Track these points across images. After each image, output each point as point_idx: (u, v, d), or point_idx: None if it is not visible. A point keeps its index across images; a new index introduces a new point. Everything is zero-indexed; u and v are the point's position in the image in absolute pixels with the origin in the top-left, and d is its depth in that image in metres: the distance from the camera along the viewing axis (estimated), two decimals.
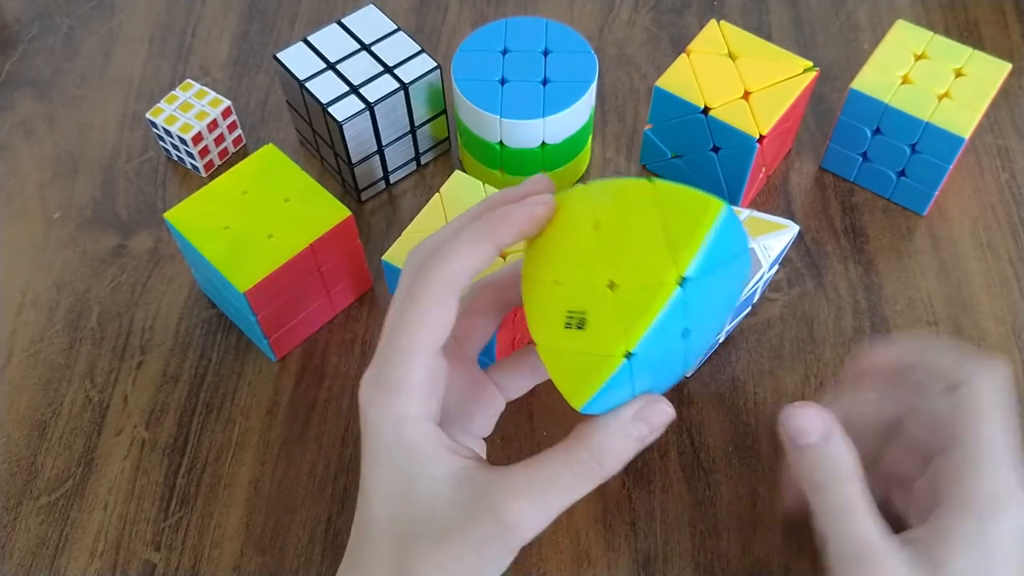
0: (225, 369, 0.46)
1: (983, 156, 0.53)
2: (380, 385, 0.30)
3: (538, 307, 0.30)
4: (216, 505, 0.42)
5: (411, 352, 0.30)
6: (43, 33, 0.61)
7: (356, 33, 0.51)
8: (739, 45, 0.50)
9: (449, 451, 0.30)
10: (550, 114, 0.47)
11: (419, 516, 0.30)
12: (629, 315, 0.28)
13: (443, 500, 0.29)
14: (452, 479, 0.30)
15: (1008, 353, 0.46)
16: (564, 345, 0.29)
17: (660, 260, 0.28)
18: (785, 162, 0.54)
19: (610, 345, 0.28)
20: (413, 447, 0.30)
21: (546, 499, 0.29)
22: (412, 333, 0.30)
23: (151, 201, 0.53)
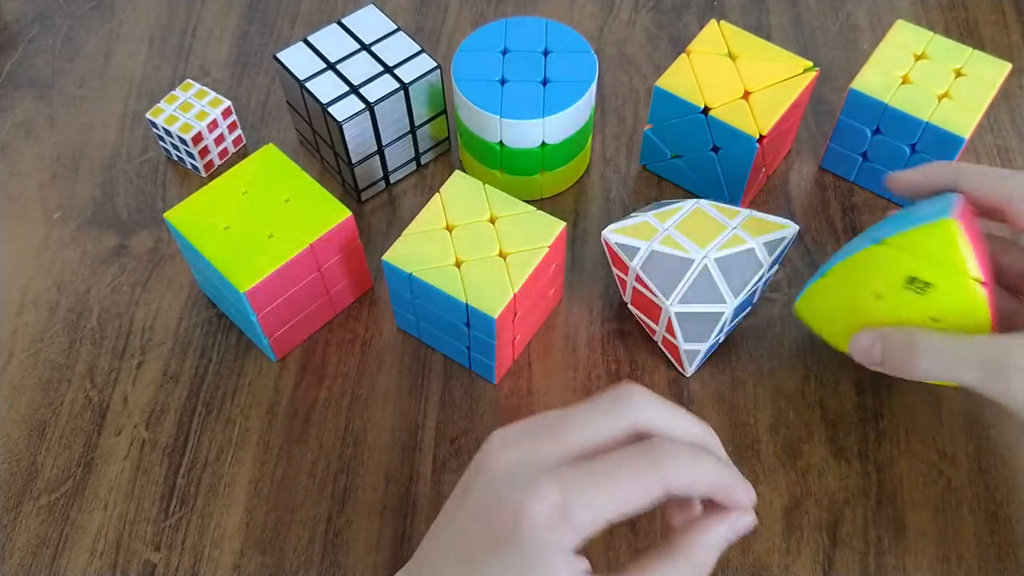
0: (225, 369, 0.46)
1: (983, 156, 0.53)
2: (564, 526, 0.30)
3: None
4: (216, 505, 0.42)
5: (603, 515, 0.30)
6: (43, 33, 0.61)
7: (356, 33, 0.51)
8: (739, 45, 0.50)
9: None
10: (550, 114, 0.47)
11: None
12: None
13: None
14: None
15: None
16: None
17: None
18: (785, 162, 0.54)
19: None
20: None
21: None
22: (617, 508, 0.30)
23: (151, 201, 0.53)
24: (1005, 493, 0.42)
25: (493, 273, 0.42)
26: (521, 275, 0.41)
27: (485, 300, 0.41)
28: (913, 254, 0.38)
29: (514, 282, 0.41)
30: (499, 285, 0.41)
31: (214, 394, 0.46)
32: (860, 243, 0.40)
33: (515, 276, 0.41)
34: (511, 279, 0.41)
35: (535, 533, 0.30)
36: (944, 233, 0.37)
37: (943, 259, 0.37)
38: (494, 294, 0.41)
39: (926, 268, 0.37)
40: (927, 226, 0.37)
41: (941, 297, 0.38)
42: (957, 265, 0.37)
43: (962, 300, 0.37)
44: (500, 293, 0.41)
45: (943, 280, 0.37)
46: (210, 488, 0.43)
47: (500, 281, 0.41)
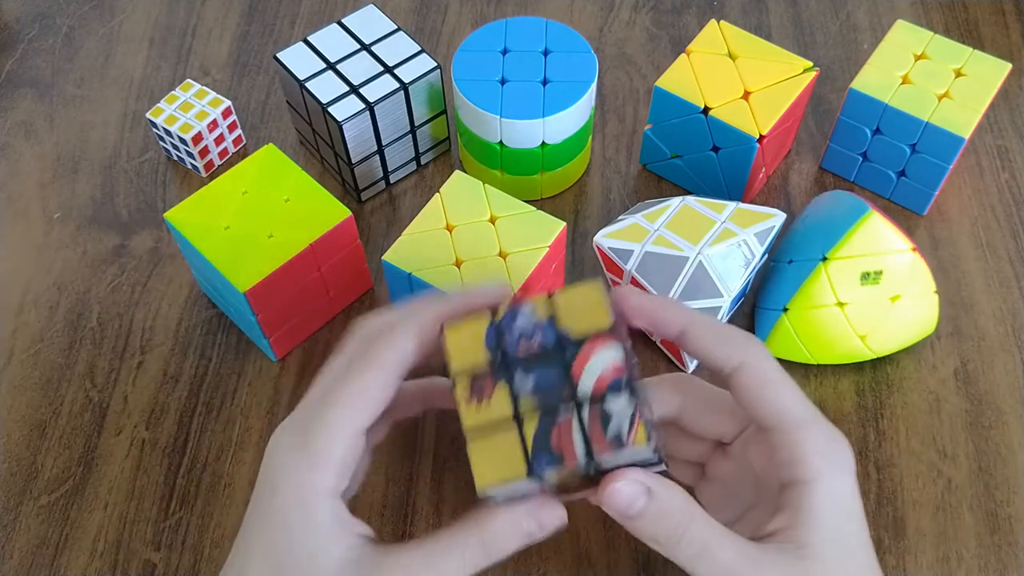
0: (225, 369, 0.46)
1: (983, 156, 0.53)
2: (299, 450, 0.31)
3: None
4: (216, 505, 0.42)
5: (340, 430, 0.31)
6: (43, 33, 0.61)
7: (356, 33, 0.51)
8: (739, 45, 0.50)
9: (346, 529, 0.31)
10: (550, 114, 0.47)
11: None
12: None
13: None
14: (343, 558, 0.30)
15: (1008, 353, 0.46)
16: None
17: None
18: (785, 162, 0.54)
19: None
20: (315, 523, 0.30)
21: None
22: (345, 411, 0.31)
23: (151, 201, 0.53)
24: (1005, 493, 0.42)
25: (493, 273, 0.42)
26: (521, 275, 0.41)
27: None
28: (858, 254, 0.43)
29: (514, 282, 0.41)
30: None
31: (214, 394, 0.46)
32: (795, 272, 0.44)
33: (515, 276, 0.41)
34: (511, 279, 0.41)
35: (277, 475, 0.31)
36: (873, 224, 0.43)
37: (883, 244, 0.43)
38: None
39: (874, 259, 0.42)
40: (857, 226, 0.43)
41: (893, 276, 0.43)
42: (898, 244, 0.43)
43: (910, 268, 0.43)
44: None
45: (891, 261, 0.43)
46: (210, 488, 0.43)
47: (500, 281, 0.41)
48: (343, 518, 0.31)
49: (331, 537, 0.30)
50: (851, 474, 0.32)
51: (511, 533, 0.30)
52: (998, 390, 0.45)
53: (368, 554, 0.30)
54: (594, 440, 0.29)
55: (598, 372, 0.29)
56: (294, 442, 0.31)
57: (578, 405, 0.29)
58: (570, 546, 0.41)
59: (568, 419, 0.29)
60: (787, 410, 0.32)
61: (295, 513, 0.30)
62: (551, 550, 0.41)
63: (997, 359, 0.46)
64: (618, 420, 0.29)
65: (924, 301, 0.44)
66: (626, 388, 0.29)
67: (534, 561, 0.41)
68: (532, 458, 0.29)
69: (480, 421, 0.30)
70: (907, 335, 0.45)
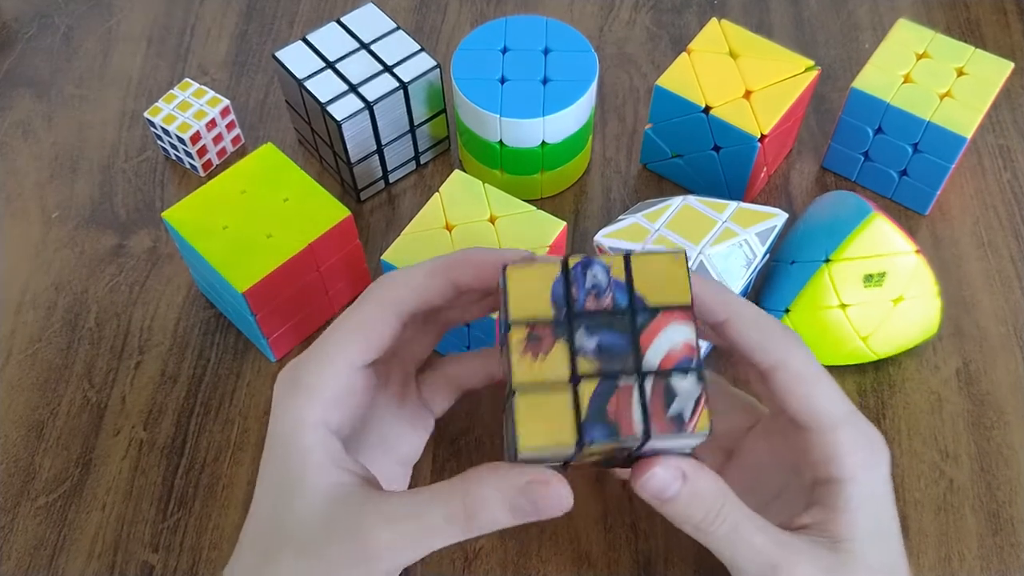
0: (224, 369, 0.46)
1: (985, 156, 0.53)
2: (292, 382, 0.31)
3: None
4: (214, 506, 0.42)
5: (332, 360, 0.31)
6: (41, 32, 0.60)
7: (355, 32, 0.50)
8: (740, 44, 0.49)
9: (336, 464, 0.30)
10: (550, 113, 0.47)
11: (290, 523, 0.30)
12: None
13: (314, 513, 0.29)
14: (329, 494, 0.29)
15: (1010, 353, 0.46)
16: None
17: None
18: (786, 161, 0.54)
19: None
20: (301, 452, 0.30)
21: (415, 534, 0.29)
22: (340, 342, 0.31)
23: (149, 201, 0.52)
24: (1007, 493, 0.42)
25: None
26: None
27: None
28: (861, 256, 0.42)
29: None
30: None
31: (212, 394, 0.45)
32: (797, 273, 0.44)
33: None
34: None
35: (275, 407, 0.31)
36: (877, 226, 0.42)
37: (887, 246, 0.42)
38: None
39: (877, 261, 0.42)
40: (861, 227, 0.43)
41: (896, 279, 0.42)
42: (902, 246, 0.42)
43: (914, 271, 0.43)
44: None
45: (894, 264, 0.42)
46: (208, 489, 0.43)
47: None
48: (333, 452, 0.30)
49: (318, 469, 0.30)
50: (886, 471, 0.32)
51: (499, 506, 0.28)
52: (1000, 390, 0.45)
53: (356, 494, 0.30)
54: (654, 416, 0.27)
55: (668, 347, 0.28)
56: (290, 374, 0.31)
57: (641, 376, 0.28)
58: (570, 547, 0.41)
59: (629, 388, 0.27)
60: (823, 411, 0.31)
61: (285, 441, 0.30)
62: (551, 551, 0.41)
63: (999, 359, 0.46)
64: (682, 401, 0.27)
65: (927, 304, 0.44)
66: (695, 370, 0.28)
67: (534, 563, 0.40)
68: (585, 425, 0.27)
69: (533, 378, 0.27)
70: (909, 337, 0.44)
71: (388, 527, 0.29)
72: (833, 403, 0.32)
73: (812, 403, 0.31)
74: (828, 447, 0.31)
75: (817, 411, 0.31)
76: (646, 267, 0.29)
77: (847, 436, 0.31)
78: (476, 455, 0.43)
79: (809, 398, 0.31)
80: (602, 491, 0.42)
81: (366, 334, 0.31)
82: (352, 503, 0.29)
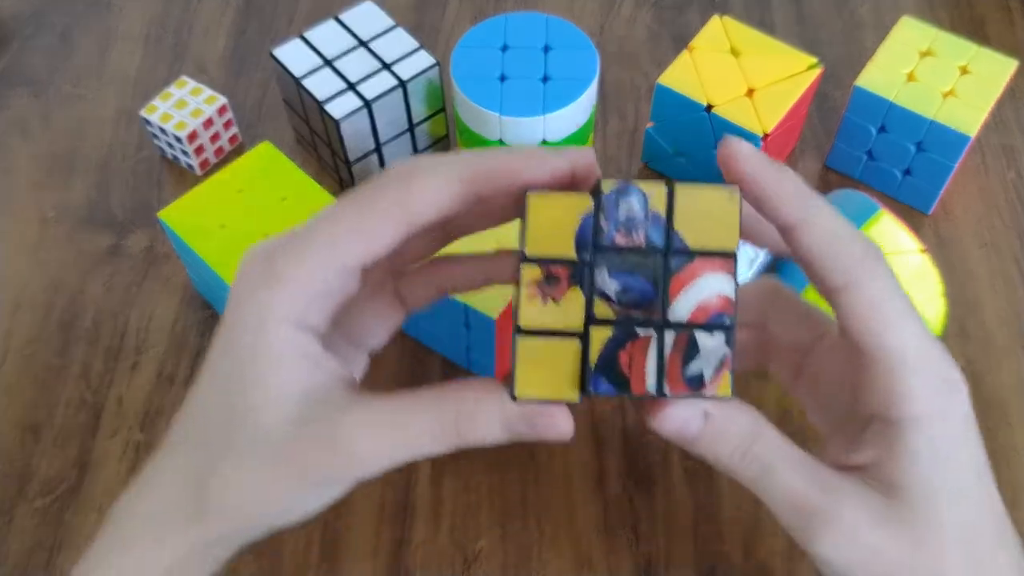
0: None
1: (989, 155, 0.53)
2: (265, 266, 0.27)
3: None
4: None
5: (318, 252, 0.27)
6: (39, 31, 0.60)
7: (354, 29, 0.50)
8: (742, 41, 0.49)
9: (311, 363, 0.27)
10: (550, 111, 0.46)
11: (252, 425, 0.27)
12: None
13: (283, 414, 0.26)
14: (303, 395, 0.27)
15: (1014, 354, 0.46)
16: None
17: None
18: (789, 160, 0.53)
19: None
20: (270, 349, 0.27)
21: (398, 444, 0.27)
22: (334, 237, 0.27)
23: (146, 200, 0.52)
24: (1011, 495, 0.42)
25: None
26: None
27: (485, 301, 0.40)
28: None
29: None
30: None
31: None
32: (800, 272, 0.42)
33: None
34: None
35: (237, 291, 0.27)
36: (884, 224, 0.42)
37: (894, 244, 0.42)
38: (494, 295, 0.40)
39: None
40: (867, 225, 0.42)
41: (901, 277, 0.41)
42: (908, 245, 0.42)
43: (919, 270, 0.42)
44: (500, 294, 0.40)
45: (900, 262, 0.42)
46: None
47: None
48: (309, 350, 0.27)
49: (288, 367, 0.27)
50: (962, 420, 0.28)
51: (492, 427, 0.27)
52: (1004, 391, 0.45)
53: (333, 396, 0.27)
54: (670, 373, 0.25)
55: (701, 297, 0.25)
56: (260, 255, 0.27)
57: (663, 326, 0.25)
58: (571, 550, 0.40)
59: (647, 339, 0.25)
60: (893, 346, 0.27)
61: (252, 334, 0.27)
62: (551, 554, 0.40)
63: (1003, 360, 0.45)
64: (705, 359, 0.25)
65: (931, 303, 0.43)
66: (726, 328, 0.25)
67: (534, 566, 0.40)
68: (592, 375, 0.25)
69: (542, 323, 0.25)
70: None
71: (369, 435, 0.26)
72: (907, 337, 0.27)
73: (882, 336, 0.27)
74: (893, 386, 0.27)
75: (886, 346, 0.27)
76: (692, 202, 0.25)
77: (917, 376, 0.27)
78: (476, 455, 0.43)
79: (879, 330, 0.27)
80: (603, 495, 0.42)
81: (367, 239, 0.27)
82: (329, 406, 0.27)
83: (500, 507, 0.42)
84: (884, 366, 0.27)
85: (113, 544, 0.29)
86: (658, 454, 0.43)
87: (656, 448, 0.43)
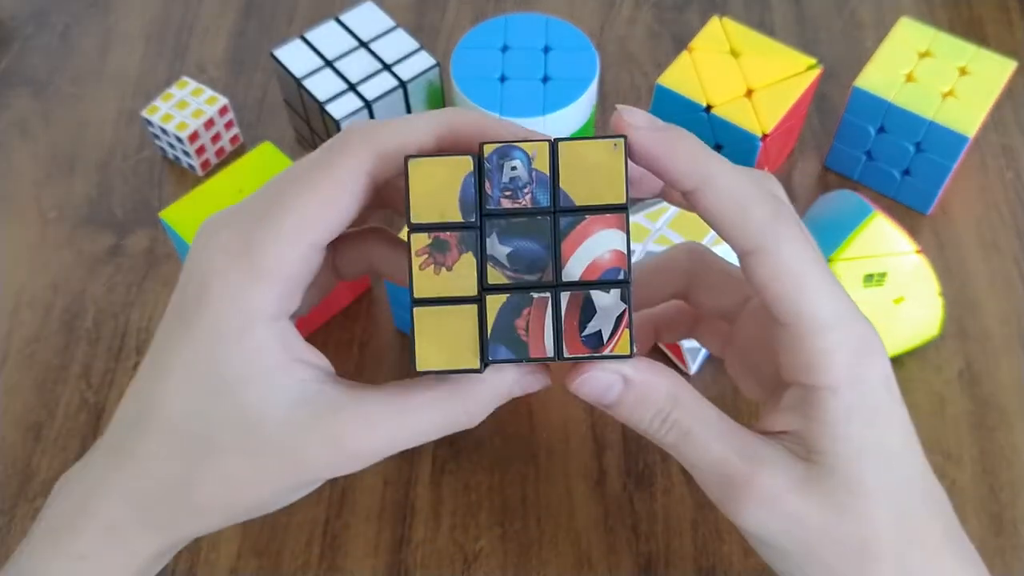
0: None
1: (988, 155, 0.53)
2: (238, 257, 0.25)
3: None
4: None
5: (293, 241, 0.25)
6: (39, 31, 0.60)
7: (354, 30, 0.50)
8: (742, 42, 0.49)
9: (297, 361, 0.26)
10: (550, 112, 0.46)
11: (231, 423, 0.26)
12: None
13: (270, 413, 0.26)
14: (291, 393, 0.26)
15: (1013, 354, 0.46)
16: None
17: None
18: (788, 161, 0.53)
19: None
20: (258, 351, 0.25)
21: (398, 435, 0.27)
22: (306, 216, 0.25)
23: (147, 200, 0.52)
24: (1010, 495, 0.42)
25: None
26: None
27: None
28: (862, 256, 0.42)
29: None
30: None
31: None
32: None
33: None
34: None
35: (209, 280, 0.25)
36: (878, 226, 0.43)
37: (888, 246, 0.42)
38: None
39: (878, 261, 0.42)
40: (862, 227, 0.43)
41: (897, 279, 0.43)
42: (903, 246, 0.43)
43: (915, 271, 0.43)
44: None
45: (895, 264, 0.42)
46: None
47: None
48: (293, 346, 0.26)
49: (277, 367, 0.26)
50: (881, 380, 0.27)
51: (495, 399, 0.27)
52: (1003, 391, 0.45)
53: (325, 393, 0.26)
54: (567, 334, 0.25)
55: (593, 256, 0.25)
56: (233, 244, 0.25)
57: (558, 288, 0.25)
58: (571, 549, 0.41)
59: (543, 302, 0.24)
60: (806, 314, 0.26)
61: (230, 335, 0.25)
62: (551, 553, 0.40)
63: (1002, 360, 0.46)
64: (602, 317, 0.24)
65: (928, 304, 0.44)
66: (621, 284, 0.25)
67: (534, 564, 0.40)
68: (489, 344, 0.25)
69: (436, 291, 0.25)
70: (910, 338, 0.44)
71: (370, 431, 0.26)
72: (820, 303, 0.26)
73: (794, 303, 0.26)
74: (807, 353, 0.26)
75: (798, 312, 0.26)
76: (576, 158, 0.25)
77: (831, 343, 0.26)
78: (476, 455, 0.43)
79: (791, 296, 0.26)
80: (603, 494, 0.42)
81: (337, 211, 0.26)
82: (322, 404, 0.26)
83: (500, 507, 0.42)
84: (797, 332, 0.26)
85: (64, 548, 0.27)
86: (658, 454, 0.43)
87: (656, 448, 0.43)
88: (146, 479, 0.27)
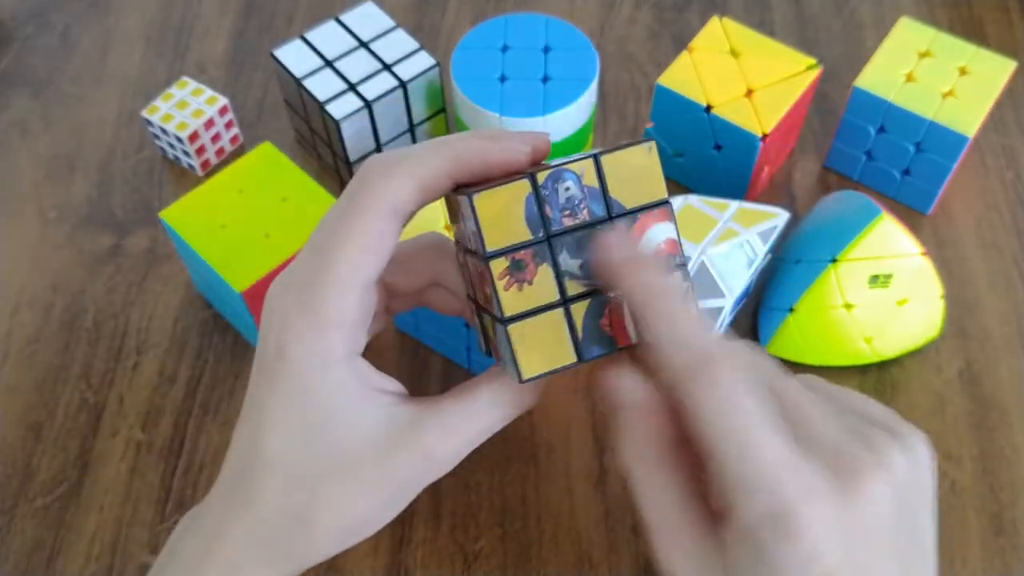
0: (222, 370, 0.46)
1: (987, 155, 0.53)
2: (307, 314, 0.28)
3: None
4: None
5: (349, 288, 0.28)
6: (39, 31, 0.60)
7: (354, 30, 0.50)
8: (742, 42, 0.49)
9: (374, 390, 0.29)
10: (550, 112, 0.46)
11: (331, 455, 0.28)
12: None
13: (363, 440, 0.28)
14: (377, 419, 0.28)
15: (1013, 354, 0.46)
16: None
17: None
18: (788, 161, 0.53)
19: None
20: (340, 388, 0.28)
21: (473, 434, 0.29)
22: (353, 260, 0.28)
23: (147, 200, 0.52)
24: (1010, 495, 0.42)
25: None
26: None
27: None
28: (868, 257, 0.42)
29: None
30: None
31: (210, 395, 0.45)
32: (803, 272, 0.44)
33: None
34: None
35: (285, 338, 0.28)
36: (885, 228, 0.43)
37: (894, 247, 0.42)
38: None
39: (884, 263, 0.42)
40: (869, 228, 0.43)
41: (902, 280, 0.43)
42: (909, 248, 0.43)
43: (919, 273, 0.43)
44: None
45: (901, 265, 0.42)
46: (207, 490, 0.42)
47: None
48: (368, 378, 0.29)
49: (360, 398, 0.28)
50: (793, 556, 0.24)
51: (544, 380, 0.29)
52: (1003, 391, 0.45)
53: (404, 412, 0.29)
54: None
55: (651, 249, 0.27)
56: (300, 301, 0.28)
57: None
58: (572, 549, 0.41)
59: (619, 299, 0.27)
60: (725, 463, 0.25)
61: (313, 380, 0.28)
62: (552, 553, 0.40)
63: (1002, 360, 0.46)
64: None
65: (931, 306, 0.44)
66: (680, 266, 0.27)
67: (535, 564, 0.40)
68: (583, 346, 0.27)
69: (524, 306, 0.27)
70: (911, 339, 0.44)
71: (451, 436, 0.29)
72: (746, 456, 0.25)
73: (715, 448, 0.25)
74: (722, 494, 0.25)
75: (717, 458, 0.25)
76: (618, 167, 0.27)
77: (744, 500, 0.25)
78: (476, 455, 0.43)
79: (713, 440, 0.25)
80: (603, 492, 0.42)
81: (378, 249, 0.28)
82: (405, 421, 0.29)
83: (500, 507, 0.42)
84: (715, 471, 0.25)
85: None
86: None
87: None
88: (261, 522, 0.29)
